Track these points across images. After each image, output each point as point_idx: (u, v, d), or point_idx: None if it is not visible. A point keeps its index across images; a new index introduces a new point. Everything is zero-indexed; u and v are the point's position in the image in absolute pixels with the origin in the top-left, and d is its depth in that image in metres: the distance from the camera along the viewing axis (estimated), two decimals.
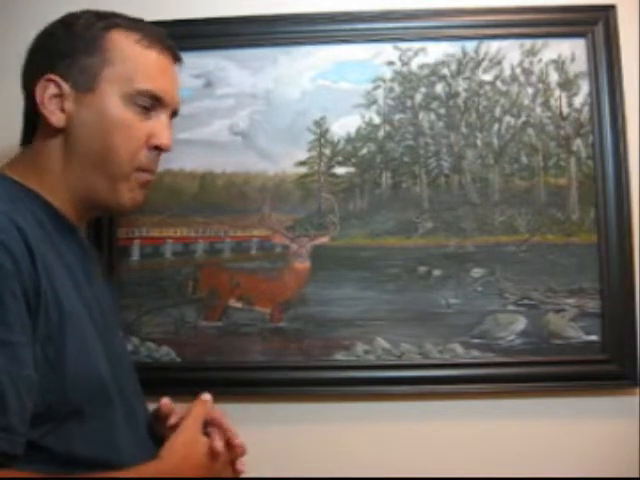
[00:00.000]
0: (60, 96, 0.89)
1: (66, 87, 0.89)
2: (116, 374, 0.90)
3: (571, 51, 1.44)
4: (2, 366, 0.72)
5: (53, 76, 0.89)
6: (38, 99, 0.89)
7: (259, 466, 1.03)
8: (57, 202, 0.91)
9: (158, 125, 0.94)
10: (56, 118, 0.89)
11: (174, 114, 1.00)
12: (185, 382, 1.41)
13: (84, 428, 0.82)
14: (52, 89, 0.89)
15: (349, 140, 1.46)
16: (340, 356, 1.41)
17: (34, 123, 0.93)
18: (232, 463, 0.96)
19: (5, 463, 0.72)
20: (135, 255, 1.46)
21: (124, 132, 0.91)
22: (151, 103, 0.93)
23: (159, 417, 0.98)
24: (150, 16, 1.43)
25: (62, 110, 0.90)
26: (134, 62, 0.92)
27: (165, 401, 0.97)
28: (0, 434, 0.71)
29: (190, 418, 0.93)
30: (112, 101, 0.90)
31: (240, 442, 0.96)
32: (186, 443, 0.90)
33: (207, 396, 0.98)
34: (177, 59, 0.99)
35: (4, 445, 0.71)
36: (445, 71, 1.46)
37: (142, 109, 0.92)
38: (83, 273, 0.92)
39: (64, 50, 0.91)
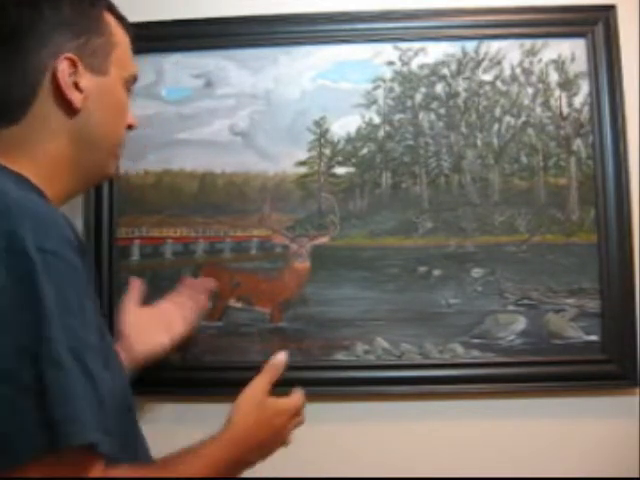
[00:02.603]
0: (74, 75, 0.87)
1: (81, 67, 0.88)
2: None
3: (571, 51, 1.44)
4: (98, 372, 0.73)
5: (71, 55, 0.87)
6: (60, 79, 0.85)
7: (259, 466, 1.03)
8: (48, 186, 0.87)
9: (129, 106, 0.98)
10: (76, 99, 0.87)
11: None
12: (185, 382, 1.41)
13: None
14: (69, 68, 0.87)
15: (349, 140, 1.46)
16: (340, 356, 1.41)
17: (29, 100, 0.87)
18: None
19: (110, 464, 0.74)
20: (135, 255, 1.46)
21: (124, 113, 0.95)
22: (131, 85, 0.97)
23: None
24: (151, 16, 1.44)
25: (79, 90, 0.88)
26: (124, 46, 0.95)
27: None
28: (106, 438, 0.71)
29: (261, 379, 1.03)
30: (118, 85, 0.93)
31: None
32: (256, 405, 1.00)
33: (282, 357, 1.09)
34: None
35: (108, 448, 0.72)
36: (445, 71, 1.46)
37: (127, 90, 0.96)
38: None
39: (76, 27, 0.88)
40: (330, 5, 1.46)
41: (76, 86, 0.87)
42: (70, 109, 0.87)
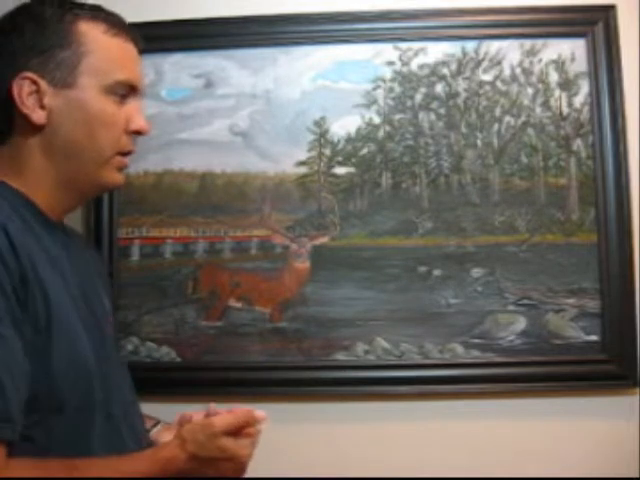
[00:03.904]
0: (37, 92, 0.89)
1: (43, 84, 0.89)
2: (103, 371, 0.90)
3: (571, 51, 1.44)
4: (4, 359, 0.75)
5: (29, 74, 0.89)
6: (17, 98, 0.88)
7: (259, 466, 1.03)
8: (40, 198, 0.91)
9: (134, 110, 0.95)
10: (37, 116, 0.89)
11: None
12: (185, 382, 1.41)
13: (61, 426, 0.83)
14: (29, 87, 0.89)
15: (349, 140, 1.46)
16: (340, 356, 1.41)
17: (7, 121, 0.91)
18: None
19: (9, 451, 0.75)
20: (135, 255, 1.46)
21: (106, 122, 0.92)
22: (127, 91, 0.95)
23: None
24: (151, 16, 1.45)
25: (41, 107, 0.89)
26: (107, 53, 0.93)
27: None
28: (5, 424, 0.74)
29: (225, 418, 0.89)
30: (92, 94, 0.91)
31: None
32: (202, 441, 0.87)
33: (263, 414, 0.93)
34: (138, 45, 0.99)
35: (9, 434, 0.75)
36: (445, 71, 1.46)
37: (119, 97, 0.94)
38: (70, 266, 0.92)
39: (38, 46, 0.90)
40: (330, 5, 1.46)
41: (40, 103, 0.89)
42: (33, 126, 0.90)
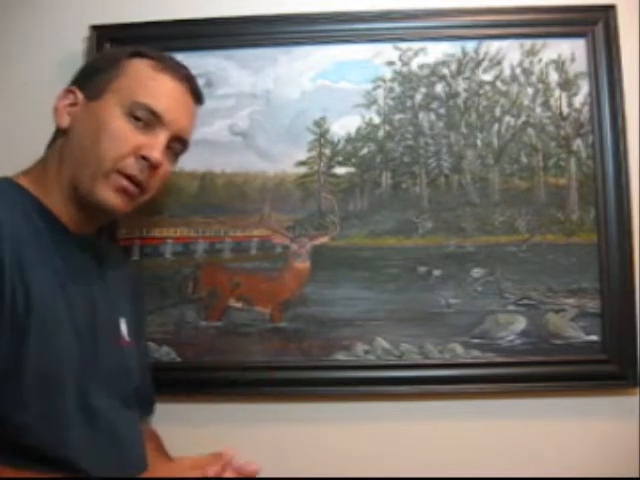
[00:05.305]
0: (75, 104, 0.99)
1: (80, 96, 0.99)
2: (87, 376, 0.91)
3: (571, 51, 1.44)
4: None
5: (73, 87, 1.00)
6: (55, 106, 0.99)
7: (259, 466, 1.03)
8: (56, 206, 0.97)
9: (152, 140, 0.98)
10: (61, 120, 0.98)
11: (181, 143, 1.06)
12: (185, 382, 1.41)
13: (31, 421, 0.84)
14: (69, 99, 0.99)
15: (349, 140, 1.46)
16: (340, 356, 1.41)
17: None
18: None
19: None
20: (135, 255, 1.46)
21: (112, 135, 0.96)
22: (149, 118, 0.98)
23: None
24: (151, 16, 1.45)
25: (70, 114, 0.99)
26: (141, 79, 1.00)
27: None
28: None
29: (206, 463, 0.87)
30: (110, 109, 0.97)
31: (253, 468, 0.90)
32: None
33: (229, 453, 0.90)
34: (196, 96, 1.08)
35: None
36: (445, 71, 1.46)
37: (140, 123, 0.98)
38: (74, 274, 0.93)
39: (91, 69, 1.03)
40: (330, 5, 1.46)
41: (70, 111, 0.99)
42: (59, 130, 1.00)
